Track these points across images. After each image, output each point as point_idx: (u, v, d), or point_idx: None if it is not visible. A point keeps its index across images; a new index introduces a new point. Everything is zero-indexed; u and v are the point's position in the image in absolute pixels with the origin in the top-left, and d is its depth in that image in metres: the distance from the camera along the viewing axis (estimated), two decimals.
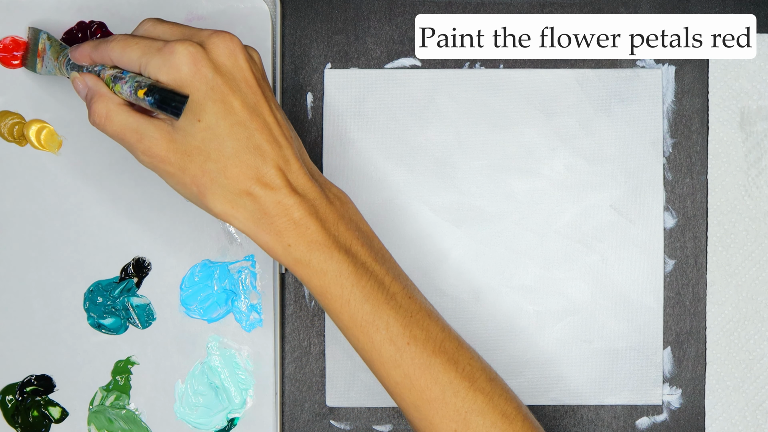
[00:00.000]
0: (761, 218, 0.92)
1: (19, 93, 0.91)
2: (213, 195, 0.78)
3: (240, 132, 0.78)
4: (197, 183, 0.78)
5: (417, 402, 0.79)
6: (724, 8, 0.92)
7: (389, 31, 0.92)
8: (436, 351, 0.79)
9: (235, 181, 0.78)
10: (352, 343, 0.80)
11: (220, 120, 0.78)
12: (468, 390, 0.79)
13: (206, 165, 0.78)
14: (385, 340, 0.79)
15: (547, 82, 0.92)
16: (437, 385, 0.79)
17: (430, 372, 0.79)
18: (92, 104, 0.80)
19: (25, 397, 0.91)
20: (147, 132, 0.79)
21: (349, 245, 0.79)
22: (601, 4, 0.92)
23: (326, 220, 0.79)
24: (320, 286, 0.79)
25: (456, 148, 0.92)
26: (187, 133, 0.78)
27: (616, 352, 0.92)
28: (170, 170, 0.79)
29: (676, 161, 0.92)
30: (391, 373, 0.79)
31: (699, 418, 0.92)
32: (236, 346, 0.91)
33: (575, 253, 0.92)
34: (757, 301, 0.92)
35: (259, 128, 0.78)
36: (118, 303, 0.91)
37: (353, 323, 0.79)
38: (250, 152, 0.78)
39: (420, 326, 0.80)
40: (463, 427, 0.79)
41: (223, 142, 0.78)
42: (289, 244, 0.78)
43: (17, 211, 0.91)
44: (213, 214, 0.79)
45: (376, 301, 0.79)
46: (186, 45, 0.78)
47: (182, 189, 0.79)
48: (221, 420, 0.91)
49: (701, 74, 0.92)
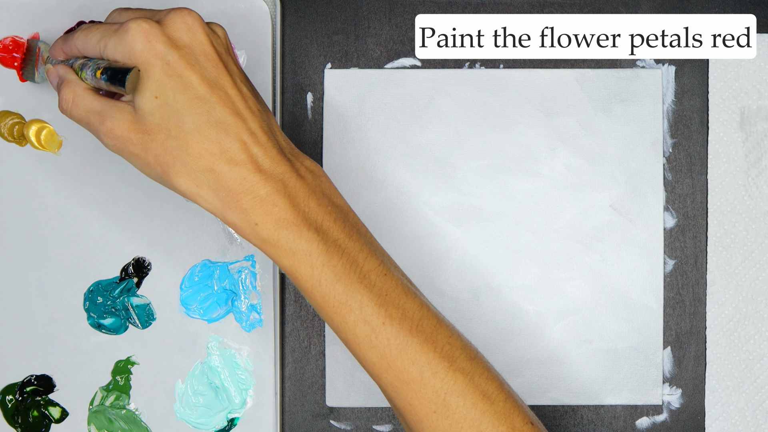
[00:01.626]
0: (761, 218, 0.92)
1: (19, 93, 0.91)
2: (176, 173, 0.76)
3: (199, 106, 0.76)
4: (160, 162, 0.77)
5: (395, 383, 0.77)
6: (724, 8, 0.92)
7: (389, 31, 0.92)
8: (413, 330, 0.77)
9: (197, 158, 0.76)
10: (327, 323, 0.78)
11: (178, 95, 0.76)
12: (447, 370, 0.77)
13: (167, 143, 0.76)
14: (359, 320, 0.77)
15: (547, 82, 0.92)
16: (415, 366, 0.77)
17: (407, 353, 0.77)
18: (60, 91, 0.80)
19: (25, 397, 0.91)
20: (109, 113, 0.78)
21: (320, 222, 0.77)
22: (601, 4, 0.92)
23: (295, 196, 0.77)
24: (290, 266, 0.77)
25: (456, 148, 0.92)
26: (147, 111, 0.76)
27: (616, 352, 0.92)
28: (134, 151, 0.77)
29: (676, 161, 0.92)
30: (367, 354, 0.77)
31: (699, 418, 0.92)
32: (236, 346, 0.91)
33: (575, 253, 0.92)
34: (757, 301, 0.92)
35: (220, 101, 0.76)
36: (118, 303, 0.91)
37: (326, 303, 0.77)
38: (212, 127, 0.76)
39: (395, 305, 0.77)
40: (443, 408, 0.77)
41: (182, 118, 0.76)
42: (256, 223, 0.76)
43: (17, 211, 0.91)
44: (179, 192, 0.77)
45: (349, 280, 0.77)
46: (139, 22, 0.77)
47: (147, 169, 0.78)
48: (221, 420, 0.91)
49: (701, 74, 0.92)
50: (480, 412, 0.77)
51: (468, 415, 0.77)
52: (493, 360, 0.92)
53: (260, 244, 0.77)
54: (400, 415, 0.79)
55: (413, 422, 0.78)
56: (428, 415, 0.77)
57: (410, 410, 0.77)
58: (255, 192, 0.76)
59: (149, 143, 0.77)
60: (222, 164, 0.76)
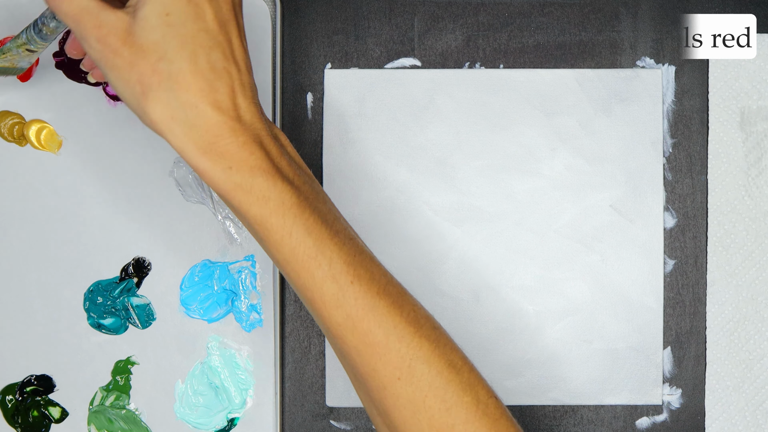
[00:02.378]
0: (761, 218, 0.92)
1: (19, 93, 0.91)
2: (156, 99, 0.73)
3: (204, 40, 0.73)
4: (143, 82, 0.73)
5: (359, 346, 0.74)
6: (724, 8, 0.92)
7: (389, 31, 0.92)
8: (380, 293, 0.75)
9: (184, 91, 0.73)
10: (291, 280, 0.75)
11: (188, 21, 0.73)
12: (413, 336, 0.74)
13: (159, 65, 0.72)
14: (327, 276, 0.74)
15: (547, 82, 0.92)
16: (381, 329, 0.74)
17: (374, 314, 0.74)
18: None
19: (25, 397, 0.91)
20: (107, 18, 0.73)
21: (292, 178, 0.75)
22: (601, 4, 0.92)
23: (270, 151, 0.74)
24: (260, 216, 0.73)
25: (456, 148, 0.92)
26: (150, 25, 0.73)
27: (616, 352, 0.92)
28: (118, 63, 0.73)
29: (676, 161, 0.92)
30: (333, 313, 0.74)
31: (699, 418, 0.92)
32: (236, 346, 0.91)
33: (575, 253, 0.92)
34: (757, 301, 0.92)
35: (223, 43, 0.74)
36: (118, 303, 0.91)
37: (294, 257, 0.74)
38: (209, 64, 0.73)
39: (364, 267, 0.75)
40: (408, 374, 0.74)
41: (185, 44, 0.73)
42: (230, 167, 0.73)
43: (17, 211, 0.91)
44: (148, 120, 0.73)
45: (320, 235, 0.74)
46: None
47: (124, 87, 0.73)
48: (221, 420, 0.91)
49: (701, 74, 0.92)
50: (445, 381, 0.75)
51: (433, 383, 0.74)
52: (493, 360, 0.92)
53: (231, 189, 0.73)
54: (361, 383, 0.76)
55: (376, 389, 0.75)
56: (392, 382, 0.74)
57: (373, 376, 0.75)
58: (233, 137, 0.73)
59: (138, 60, 0.73)
60: (207, 105, 0.73)
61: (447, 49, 0.92)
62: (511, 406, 0.92)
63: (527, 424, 0.92)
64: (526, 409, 0.92)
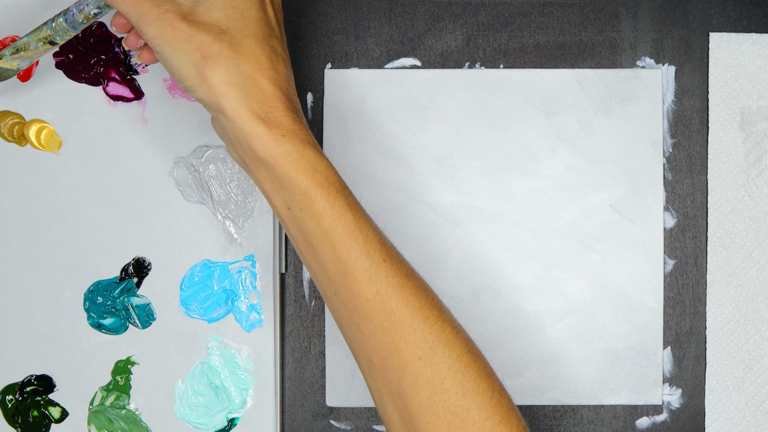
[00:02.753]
0: (761, 218, 0.92)
1: (19, 93, 0.91)
2: (216, 63, 0.75)
3: (265, 28, 0.77)
4: (203, 49, 0.75)
5: (385, 323, 0.76)
6: (724, 8, 0.92)
7: (389, 31, 0.92)
8: (408, 275, 0.77)
9: (245, 61, 0.75)
10: (321, 254, 0.77)
11: (253, 8, 0.76)
12: (437, 318, 0.76)
13: (221, 36, 0.75)
14: (363, 252, 0.76)
15: (547, 82, 0.92)
16: (408, 308, 0.76)
17: (403, 293, 0.76)
18: None
19: (25, 397, 0.91)
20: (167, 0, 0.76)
21: None
22: (601, 4, 0.92)
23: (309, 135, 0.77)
24: (306, 185, 0.76)
25: (456, 148, 0.92)
26: (215, 6, 0.76)
27: (616, 352, 0.92)
28: (178, 35, 0.75)
29: (676, 161, 0.92)
30: (363, 288, 0.76)
31: (699, 418, 0.92)
32: (236, 346, 0.91)
33: (575, 253, 0.92)
34: (757, 301, 0.92)
35: (279, 37, 0.77)
36: (118, 303, 0.91)
37: (334, 229, 0.76)
38: (269, 46, 0.76)
39: (394, 250, 0.78)
40: (429, 355, 0.76)
41: (248, 24, 0.76)
42: (283, 135, 0.75)
43: (17, 211, 0.91)
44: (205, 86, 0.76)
45: (359, 211, 0.77)
46: None
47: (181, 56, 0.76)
48: (221, 420, 0.91)
49: (701, 74, 0.92)
50: (464, 365, 0.76)
51: (453, 366, 0.76)
52: (492, 360, 0.92)
53: (281, 155, 0.75)
54: (378, 364, 0.77)
55: (395, 369, 0.76)
56: (413, 361, 0.76)
57: (395, 354, 0.76)
58: (286, 112, 0.76)
59: (198, 33, 0.75)
60: (265, 78, 0.76)
61: (447, 49, 0.92)
62: None
63: (527, 424, 0.92)
64: (526, 409, 0.92)
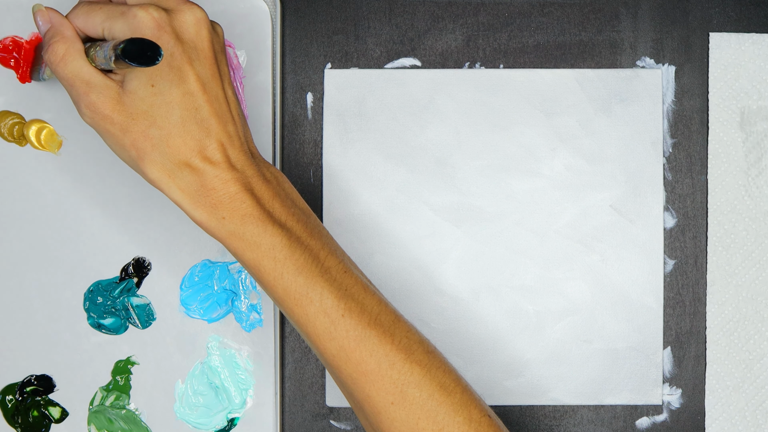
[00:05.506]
0: (761, 218, 0.92)
1: (19, 93, 0.91)
2: (151, 162, 0.78)
3: (190, 102, 0.78)
4: (137, 147, 0.78)
5: (353, 374, 0.78)
6: (724, 8, 0.92)
7: (389, 31, 0.92)
8: (371, 323, 0.79)
9: (176, 151, 0.78)
10: (287, 316, 0.80)
11: (173, 88, 0.78)
12: (404, 362, 0.78)
13: (150, 131, 0.78)
14: (319, 312, 0.78)
15: (547, 82, 0.92)
16: (373, 358, 0.78)
17: (366, 344, 0.78)
18: (52, 42, 0.79)
19: (25, 397, 0.91)
20: (97, 87, 0.78)
21: (284, 220, 0.79)
22: (601, 4, 0.92)
23: (261, 197, 0.79)
24: (253, 260, 0.79)
25: (456, 148, 0.92)
26: (137, 97, 0.78)
27: (616, 352, 0.92)
28: (111, 130, 0.79)
29: (676, 161, 0.92)
30: (327, 345, 0.79)
31: (699, 418, 0.92)
32: (236, 346, 0.91)
33: (575, 253, 0.92)
34: (757, 301, 0.92)
35: (208, 101, 0.79)
36: (118, 303, 0.91)
37: (287, 296, 0.79)
38: (197, 124, 0.78)
39: (355, 299, 0.79)
40: (400, 399, 0.78)
41: (172, 110, 0.78)
42: (223, 217, 0.78)
43: (17, 211, 0.91)
44: (148, 180, 0.79)
45: (310, 273, 0.79)
46: (150, 10, 0.78)
47: (120, 151, 0.79)
48: (221, 420, 0.91)
49: (701, 74, 0.92)
50: (437, 403, 0.78)
51: (425, 406, 0.78)
52: (493, 360, 0.92)
53: (225, 237, 0.79)
54: (358, 409, 0.80)
55: (371, 414, 0.79)
56: (386, 407, 0.78)
57: (368, 402, 0.79)
58: (225, 189, 0.78)
59: (130, 127, 0.78)
60: (199, 160, 0.78)
61: (447, 49, 0.92)
62: (511, 406, 0.92)
63: (527, 424, 0.92)
64: (526, 409, 0.92)
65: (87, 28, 0.80)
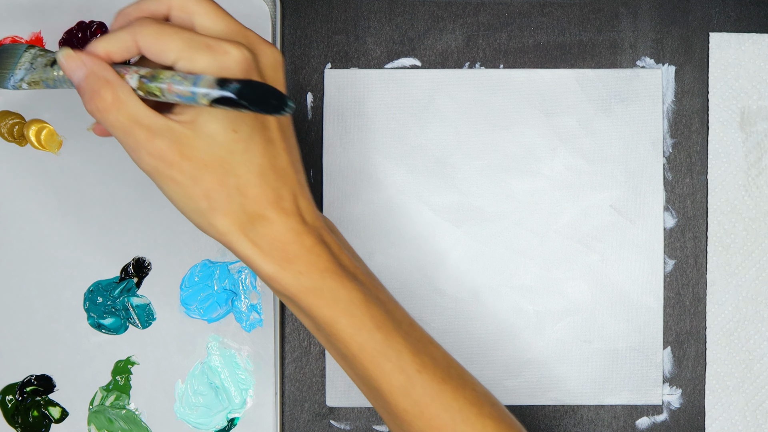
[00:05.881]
0: (761, 218, 0.92)
1: (19, 93, 0.91)
2: (224, 213, 0.72)
3: (271, 150, 0.72)
4: (209, 197, 0.72)
5: (425, 429, 0.77)
6: (724, 8, 0.92)
7: (389, 31, 0.92)
8: (444, 378, 0.77)
9: (253, 202, 0.72)
10: (355, 371, 0.77)
11: (256, 134, 0.72)
12: (477, 416, 0.77)
13: (227, 179, 0.71)
14: (395, 369, 0.76)
15: (547, 82, 0.92)
16: (447, 413, 0.76)
17: (440, 399, 0.76)
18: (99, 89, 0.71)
19: (25, 397, 0.91)
20: (161, 131, 0.71)
21: (354, 273, 0.76)
22: (601, 4, 0.92)
23: (332, 249, 0.75)
24: (330, 316, 0.74)
25: (456, 148, 0.92)
26: (215, 143, 0.71)
27: (616, 352, 0.92)
28: (178, 178, 0.71)
29: (676, 161, 0.92)
30: (400, 401, 0.76)
31: (699, 418, 0.92)
32: (236, 346, 0.91)
33: (575, 253, 0.92)
34: (757, 301, 0.92)
35: (286, 149, 0.73)
36: (118, 303, 0.92)
37: (362, 352, 0.75)
38: (276, 173, 0.72)
39: (427, 353, 0.77)
40: None
41: (253, 158, 0.72)
42: (300, 272, 0.73)
43: (17, 211, 0.91)
44: (214, 232, 0.73)
45: (387, 329, 0.75)
46: (241, 49, 0.71)
47: (186, 200, 0.72)
48: (221, 420, 0.91)
49: (701, 74, 0.92)
50: None
51: None
52: (493, 360, 0.92)
53: (300, 293, 0.74)
54: None
55: None
56: None
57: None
58: (301, 242, 0.73)
59: (203, 175, 0.71)
60: (274, 212, 0.73)
61: (447, 49, 0.92)
62: (511, 406, 0.92)
63: (527, 424, 0.92)
64: (526, 409, 0.92)
65: (152, 52, 0.71)
